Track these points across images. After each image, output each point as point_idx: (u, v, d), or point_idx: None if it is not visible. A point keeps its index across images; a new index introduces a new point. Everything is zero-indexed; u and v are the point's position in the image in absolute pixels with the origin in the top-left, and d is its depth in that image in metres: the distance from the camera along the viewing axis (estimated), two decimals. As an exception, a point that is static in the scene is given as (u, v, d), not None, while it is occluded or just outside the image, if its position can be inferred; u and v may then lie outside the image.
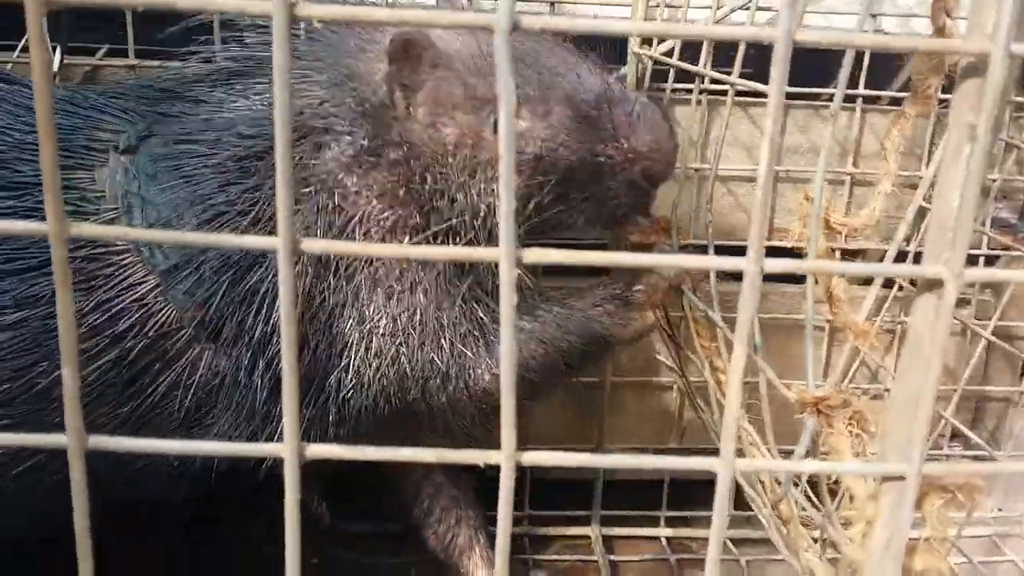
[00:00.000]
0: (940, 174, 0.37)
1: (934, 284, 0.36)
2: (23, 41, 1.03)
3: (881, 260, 0.64)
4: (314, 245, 0.34)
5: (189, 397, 0.77)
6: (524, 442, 0.36)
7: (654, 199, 0.86)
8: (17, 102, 0.81)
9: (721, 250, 0.96)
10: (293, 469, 0.34)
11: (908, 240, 1.03)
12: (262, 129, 0.77)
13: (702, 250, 0.95)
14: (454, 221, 0.79)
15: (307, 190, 0.77)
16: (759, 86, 0.71)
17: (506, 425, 0.34)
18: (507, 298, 0.34)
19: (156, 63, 1.05)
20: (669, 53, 0.95)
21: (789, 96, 1.10)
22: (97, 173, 0.79)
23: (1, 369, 0.74)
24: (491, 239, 0.79)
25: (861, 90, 1.13)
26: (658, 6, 1.00)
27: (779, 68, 0.32)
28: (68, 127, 0.80)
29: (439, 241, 0.79)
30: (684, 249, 0.96)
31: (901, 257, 0.87)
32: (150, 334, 0.76)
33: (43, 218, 0.32)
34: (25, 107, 0.79)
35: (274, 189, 0.70)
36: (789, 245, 0.55)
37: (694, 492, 1.23)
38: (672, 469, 0.34)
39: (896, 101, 1.15)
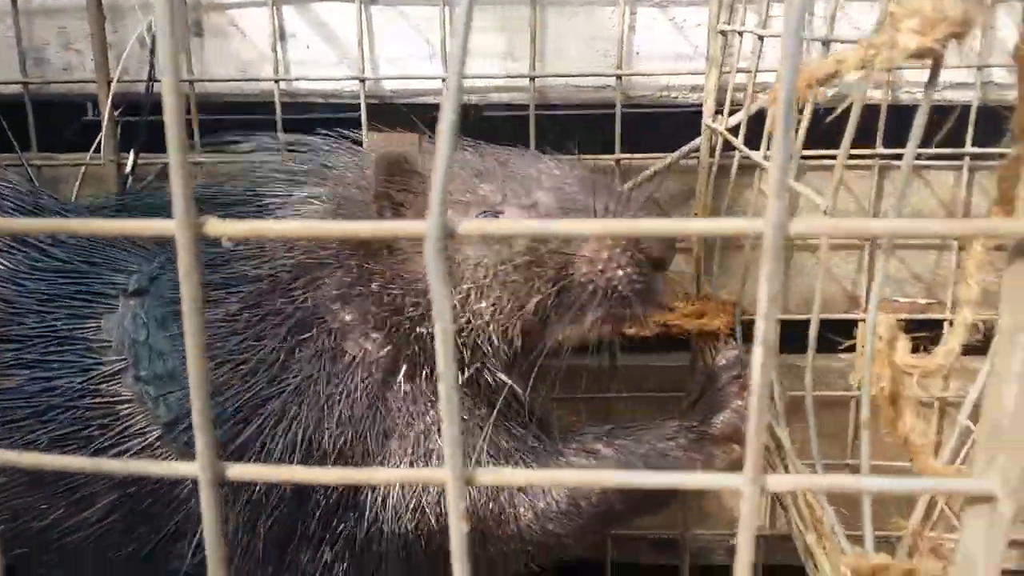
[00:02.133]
0: (993, 360, 0.30)
1: (986, 498, 0.29)
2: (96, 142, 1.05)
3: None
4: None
5: (196, 539, 0.74)
6: None
7: (660, 289, 0.77)
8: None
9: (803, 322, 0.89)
10: None
11: None
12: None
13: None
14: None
15: (307, 335, 0.73)
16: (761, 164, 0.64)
17: None
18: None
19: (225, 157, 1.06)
20: (737, 128, 0.88)
21: (888, 157, 1.03)
22: (105, 321, 0.76)
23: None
24: (501, 358, 0.74)
25: (968, 148, 1.03)
26: (730, 71, 0.93)
27: (769, 273, 0.26)
28: (85, 269, 0.79)
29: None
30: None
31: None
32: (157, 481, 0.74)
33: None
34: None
35: (279, 340, 0.72)
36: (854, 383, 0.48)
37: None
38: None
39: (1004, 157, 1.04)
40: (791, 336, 0.71)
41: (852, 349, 0.55)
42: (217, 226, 0.31)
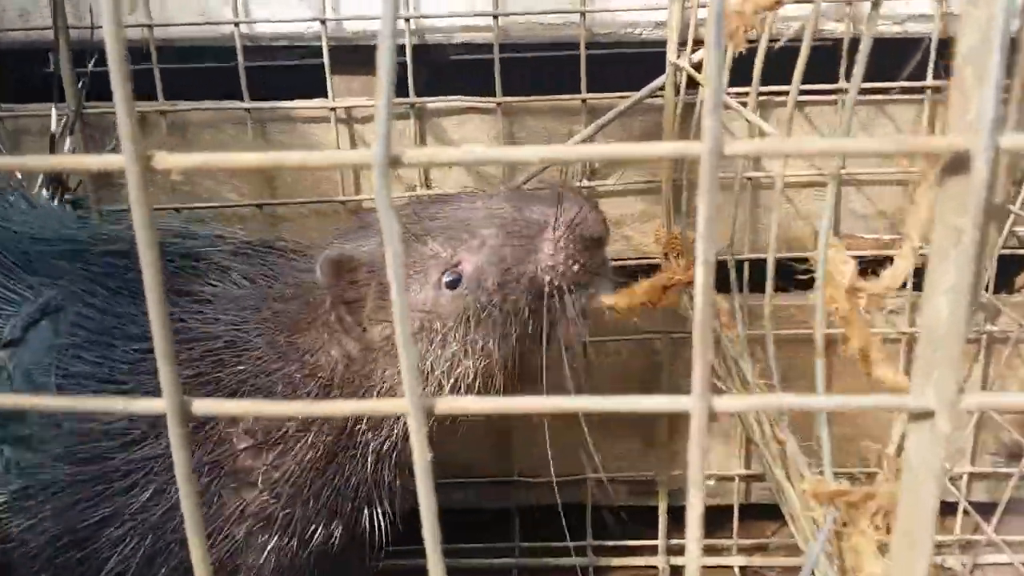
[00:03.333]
0: (927, 276, 0.31)
1: (925, 414, 0.30)
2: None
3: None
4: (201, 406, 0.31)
5: None
6: None
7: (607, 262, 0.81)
8: None
9: (781, 262, 0.90)
10: None
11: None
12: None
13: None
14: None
15: None
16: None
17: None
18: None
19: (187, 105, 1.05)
20: (701, 65, 0.88)
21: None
22: None
23: None
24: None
25: (929, 81, 1.03)
26: (691, 6, 0.93)
27: (705, 194, 0.26)
28: None
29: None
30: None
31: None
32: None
33: None
34: None
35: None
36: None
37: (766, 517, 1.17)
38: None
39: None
40: (760, 276, 0.72)
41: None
42: (166, 159, 0.31)
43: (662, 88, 0.99)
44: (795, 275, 0.68)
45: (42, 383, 0.71)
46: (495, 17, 1.00)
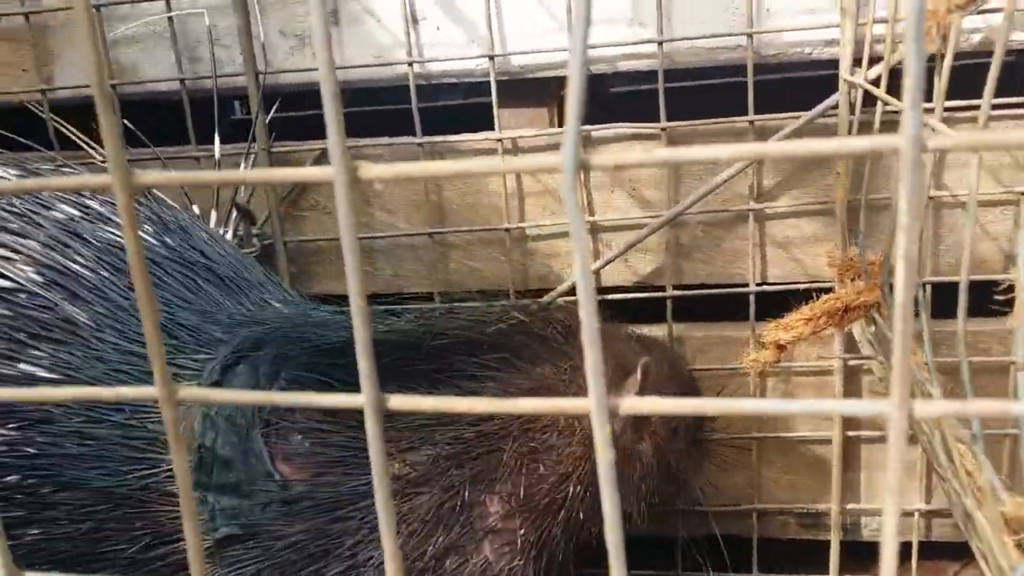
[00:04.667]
0: None
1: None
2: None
3: None
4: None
5: None
6: None
7: None
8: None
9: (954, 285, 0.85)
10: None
11: None
12: None
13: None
14: None
15: None
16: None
17: None
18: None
19: (364, 142, 1.10)
20: (878, 80, 0.85)
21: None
22: None
23: None
24: None
25: None
26: (866, 23, 0.90)
27: (907, 185, 0.26)
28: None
29: None
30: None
31: None
32: None
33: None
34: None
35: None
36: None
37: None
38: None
39: None
40: (942, 301, 0.69)
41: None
42: (370, 169, 0.34)
43: (834, 107, 0.96)
44: (986, 299, 0.64)
45: (245, 431, 0.70)
46: (660, 44, 1.01)
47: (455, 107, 1.42)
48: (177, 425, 0.36)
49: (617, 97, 1.35)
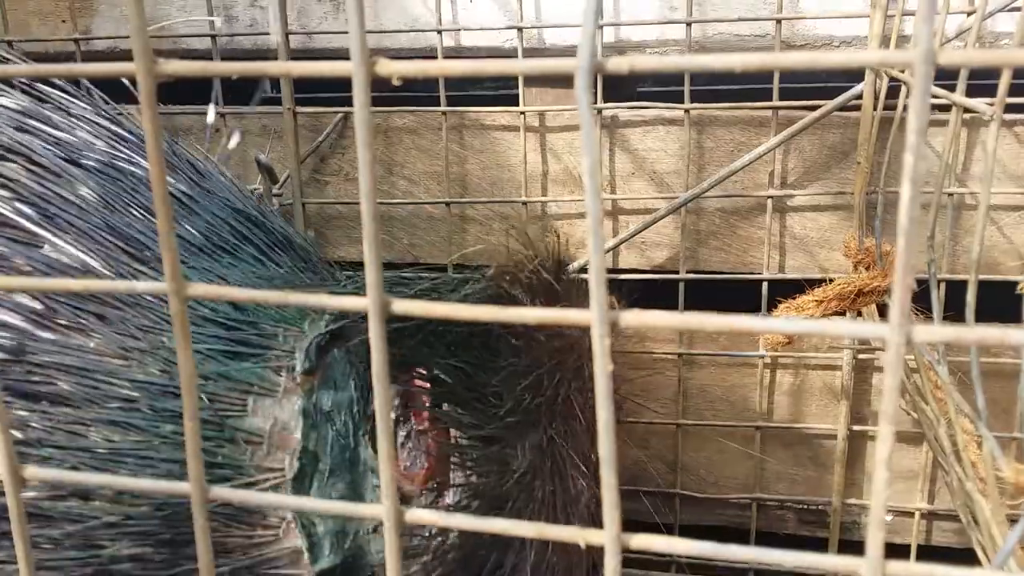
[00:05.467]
0: None
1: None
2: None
3: None
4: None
5: None
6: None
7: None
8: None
9: (984, 286, 0.85)
10: None
11: None
12: None
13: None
14: None
15: None
16: (976, 103, 0.61)
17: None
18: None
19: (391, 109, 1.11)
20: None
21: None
22: (254, 408, 0.54)
23: None
24: None
25: None
26: (893, 15, 0.90)
27: (917, 107, 0.26)
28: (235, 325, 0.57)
29: None
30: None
31: None
32: None
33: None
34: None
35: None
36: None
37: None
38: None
39: None
40: (957, 304, 0.69)
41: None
42: (389, 65, 0.34)
43: (859, 98, 0.96)
44: (1000, 304, 0.64)
45: (348, 435, 0.56)
46: (688, 25, 1.01)
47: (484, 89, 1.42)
48: (184, 318, 0.36)
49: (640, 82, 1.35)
